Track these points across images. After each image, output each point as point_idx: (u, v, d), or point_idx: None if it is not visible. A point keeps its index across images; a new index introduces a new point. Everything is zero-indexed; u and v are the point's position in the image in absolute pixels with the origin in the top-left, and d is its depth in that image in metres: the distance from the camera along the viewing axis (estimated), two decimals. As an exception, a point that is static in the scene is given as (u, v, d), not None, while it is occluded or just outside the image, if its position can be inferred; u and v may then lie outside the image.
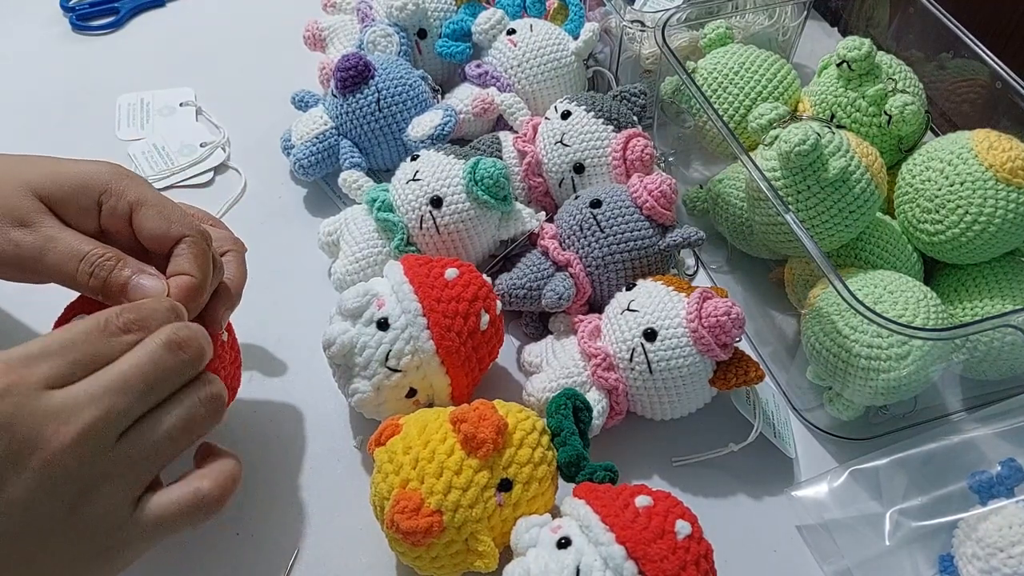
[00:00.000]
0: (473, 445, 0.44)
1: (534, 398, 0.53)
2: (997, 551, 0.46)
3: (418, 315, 0.50)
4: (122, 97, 0.78)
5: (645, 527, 0.41)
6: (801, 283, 0.58)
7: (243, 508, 0.52)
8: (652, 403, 0.53)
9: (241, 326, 0.61)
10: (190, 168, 0.72)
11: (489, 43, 0.71)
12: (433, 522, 0.43)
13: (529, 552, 0.42)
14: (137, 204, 0.44)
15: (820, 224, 0.55)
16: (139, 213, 0.44)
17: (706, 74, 0.66)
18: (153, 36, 0.87)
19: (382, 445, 0.47)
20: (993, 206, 0.53)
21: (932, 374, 0.52)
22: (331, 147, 0.68)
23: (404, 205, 0.59)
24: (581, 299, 0.58)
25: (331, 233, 0.62)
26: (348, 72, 0.65)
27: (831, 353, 0.52)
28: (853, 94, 0.62)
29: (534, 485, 0.46)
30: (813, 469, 0.55)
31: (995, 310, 0.55)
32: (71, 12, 0.87)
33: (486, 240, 0.60)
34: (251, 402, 0.57)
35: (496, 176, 0.58)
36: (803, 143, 0.52)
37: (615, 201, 0.58)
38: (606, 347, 0.53)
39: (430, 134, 0.66)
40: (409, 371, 0.50)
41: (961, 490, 0.49)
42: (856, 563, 0.49)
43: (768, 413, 0.55)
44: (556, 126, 0.64)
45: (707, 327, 0.51)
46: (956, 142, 0.56)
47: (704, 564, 0.41)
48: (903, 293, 0.52)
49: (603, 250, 0.57)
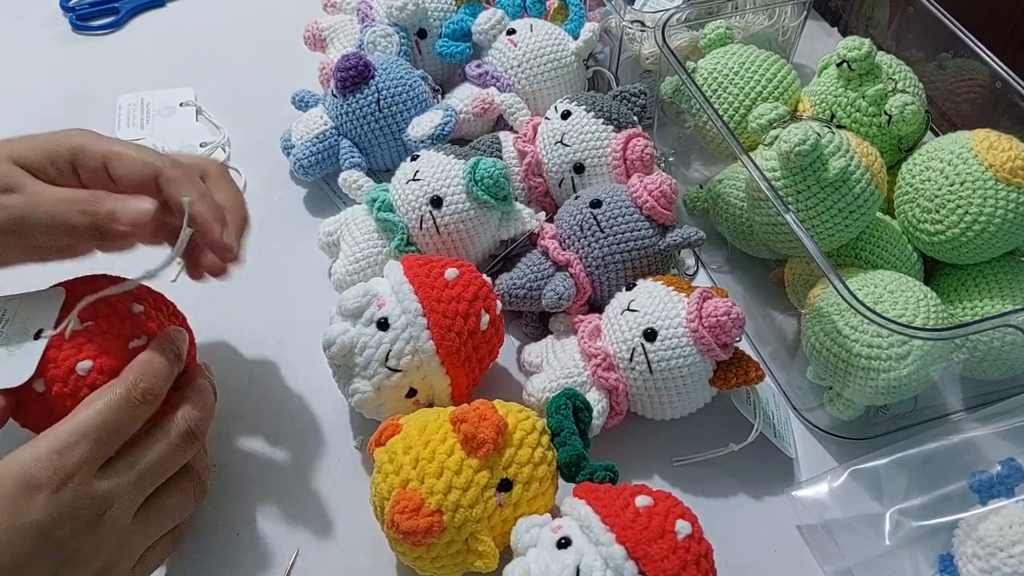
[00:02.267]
0: (473, 445, 0.44)
1: (534, 398, 0.53)
2: (997, 550, 0.46)
3: (418, 315, 0.50)
4: (122, 97, 0.78)
5: (645, 527, 0.41)
6: (801, 283, 0.58)
7: (243, 508, 0.52)
8: (652, 403, 0.53)
9: (241, 326, 0.61)
10: None
11: (489, 43, 0.71)
12: (433, 522, 0.43)
13: (529, 552, 0.42)
14: (109, 155, 0.46)
15: (820, 224, 0.55)
16: (113, 162, 0.46)
17: (706, 74, 0.66)
18: (153, 36, 0.87)
19: (382, 445, 0.47)
20: (993, 206, 0.53)
21: (932, 374, 0.52)
22: (331, 147, 0.68)
23: (404, 205, 0.59)
24: (581, 299, 0.58)
25: (331, 233, 0.62)
26: (348, 72, 0.65)
27: (831, 353, 0.52)
28: (853, 94, 0.62)
29: (534, 485, 0.46)
30: (813, 469, 0.55)
31: (995, 310, 0.55)
32: (71, 12, 0.87)
33: (486, 240, 0.60)
34: (251, 402, 0.57)
35: (496, 176, 0.58)
36: (803, 143, 0.52)
37: (615, 201, 0.58)
38: (606, 347, 0.53)
39: (430, 134, 0.66)
40: (409, 371, 0.50)
41: (961, 490, 0.49)
42: (856, 563, 0.49)
43: (768, 413, 0.55)
44: (556, 126, 0.64)
45: (707, 327, 0.51)
46: (956, 142, 0.56)
47: (704, 564, 0.41)
48: (903, 293, 0.52)
49: (603, 250, 0.57)
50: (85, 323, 0.46)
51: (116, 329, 0.47)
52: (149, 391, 0.43)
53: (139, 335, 0.47)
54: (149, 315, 0.49)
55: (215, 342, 0.61)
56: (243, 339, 0.61)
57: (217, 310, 0.62)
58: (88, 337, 0.46)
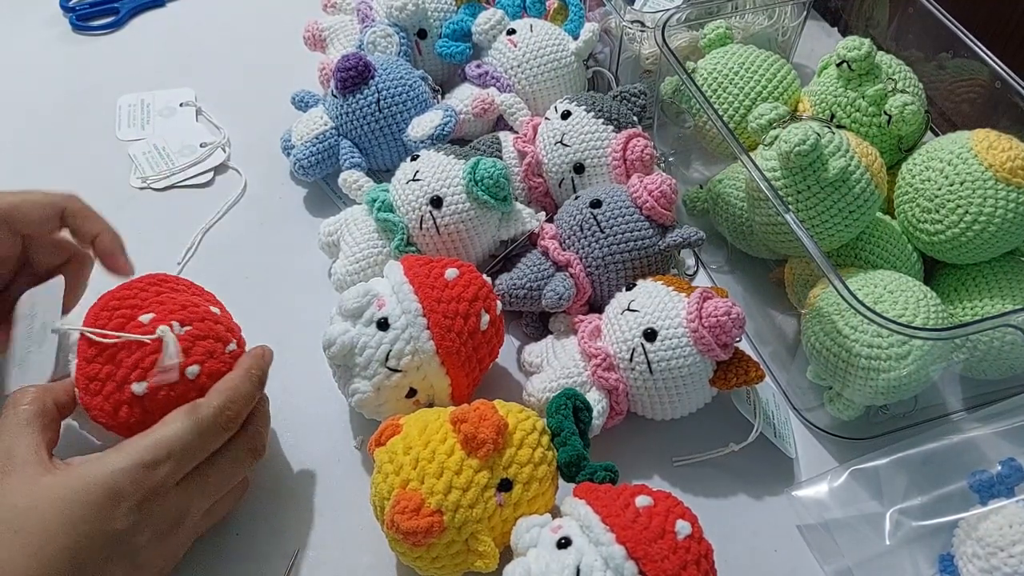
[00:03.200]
0: (473, 445, 0.44)
1: (534, 398, 0.53)
2: (997, 550, 0.46)
3: (418, 315, 0.50)
4: (123, 98, 0.78)
5: (645, 527, 0.41)
6: (801, 283, 0.58)
7: (243, 508, 0.52)
8: (652, 403, 0.53)
9: (241, 326, 0.61)
10: (190, 168, 0.72)
11: (489, 43, 0.71)
12: (433, 522, 0.43)
13: (529, 552, 0.42)
14: (9, 209, 0.50)
15: (820, 224, 0.55)
16: (14, 213, 0.50)
17: (706, 74, 0.66)
18: (153, 36, 0.87)
19: (382, 445, 0.47)
20: (993, 206, 0.53)
21: (932, 374, 0.52)
22: (331, 147, 0.68)
23: (404, 205, 0.59)
24: (581, 299, 0.58)
25: (331, 233, 0.62)
26: (348, 72, 0.65)
27: (831, 353, 0.52)
28: (853, 94, 0.62)
29: (534, 485, 0.46)
30: (813, 469, 0.55)
31: (995, 310, 0.55)
32: (71, 12, 0.87)
33: (486, 240, 0.60)
34: (251, 402, 0.57)
35: (496, 176, 0.58)
36: (803, 143, 0.52)
37: (615, 201, 0.58)
38: (606, 347, 0.53)
39: (430, 134, 0.66)
40: (409, 371, 0.50)
41: (961, 490, 0.49)
42: (856, 563, 0.49)
43: (768, 413, 0.55)
44: (556, 126, 0.64)
45: (707, 327, 0.51)
46: (956, 142, 0.56)
47: (704, 564, 0.41)
48: (903, 293, 0.52)
49: (603, 250, 0.57)
50: (184, 327, 0.46)
51: (214, 333, 0.48)
52: (234, 419, 0.45)
53: (230, 340, 0.49)
54: (223, 317, 0.50)
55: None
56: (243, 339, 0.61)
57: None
58: (191, 341, 0.46)
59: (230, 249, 0.67)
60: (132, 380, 0.45)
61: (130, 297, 0.47)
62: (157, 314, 0.46)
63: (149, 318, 0.46)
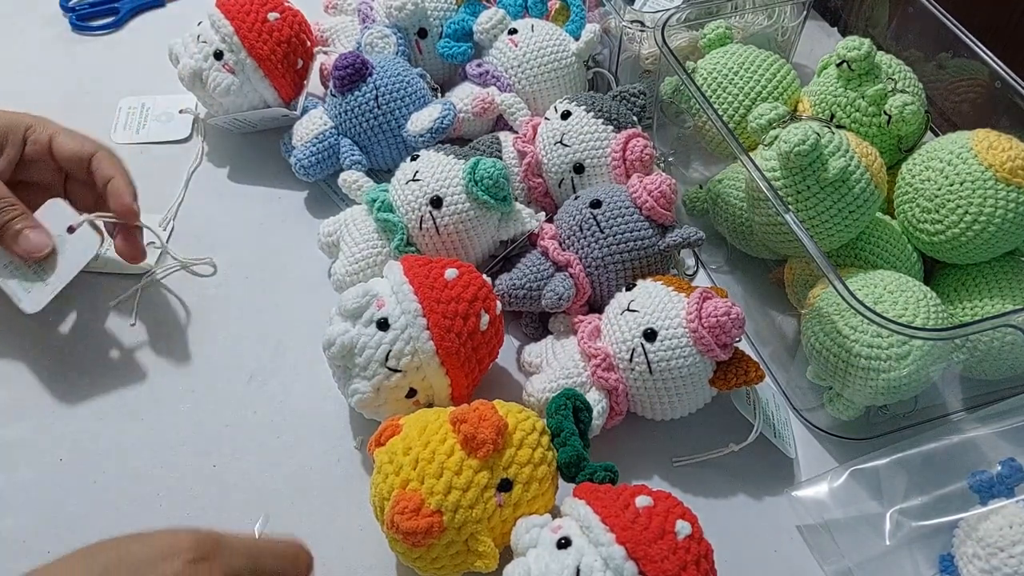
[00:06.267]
0: (473, 445, 0.44)
1: (534, 398, 0.53)
2: (998, 551, 0.46)
3: (418, 315, 0.50)
4: (124, 100, 0.78)
5: (645, 527, 0.41)
6: (801, 283, 0.58)
7: (243, 508, 0.52)
8: (652, 403, 0.53)
9: (241, 326, 0.61)
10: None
11: (490, 42, 0.71)
12: (433, 523, 0.43)
13: (529, 552, 0.42)
14: (55, 133, 0.58)
15: (820, 224, 0.55)
16: (57, 139, 0.58)
17: (706, 74, 0.66)
18: (153, 36, 0.87)
19: (382, 446, 0.47)
20: (993, 206, 0.53)
21: (932, 374, 0.52)
22: (331, 147, 0.68)
23: (404, 205, 0.59)
24: (581, 299, 0.58)
25: (331, 233, 0.62)
26: (346, 70, 0.66)
27: (831, 353, 0.52)
28: (853, 94, 0.62)
29: (534, 485, 0.46)
30: (813, 469, 0.55)
31: (995, 310, 0.55)
32: (71, 12, 0.87)
33: (486, 240, 0.60)
34: (251, 403, 0.57)
35: (496, 176, 0.58)
36: (803, 143, 0.52)
37: (615, 201, 0.58)
38: (606, 347, 0.53)
39: (429, 127, 0.66)
40: (409, 371, 0.50)
41: (961, 490, 0.49)
42: (856, 563, 0.49)
43: (768, 413, 0.55)
44: (556, 126, 0.64)
45: (707, 327, 0.51)
46: (956, 142, 0.56)
47: (704, 564, 0.41)
48: (903, 293, 0.52)
49: (603, 250, 0.57)
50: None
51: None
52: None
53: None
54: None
55: (215, 342, 0.61)
56: (243, 339, 0.61)
57: (217, 310, 0.63)
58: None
59: (230, 249, 0.67)
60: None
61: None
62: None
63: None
